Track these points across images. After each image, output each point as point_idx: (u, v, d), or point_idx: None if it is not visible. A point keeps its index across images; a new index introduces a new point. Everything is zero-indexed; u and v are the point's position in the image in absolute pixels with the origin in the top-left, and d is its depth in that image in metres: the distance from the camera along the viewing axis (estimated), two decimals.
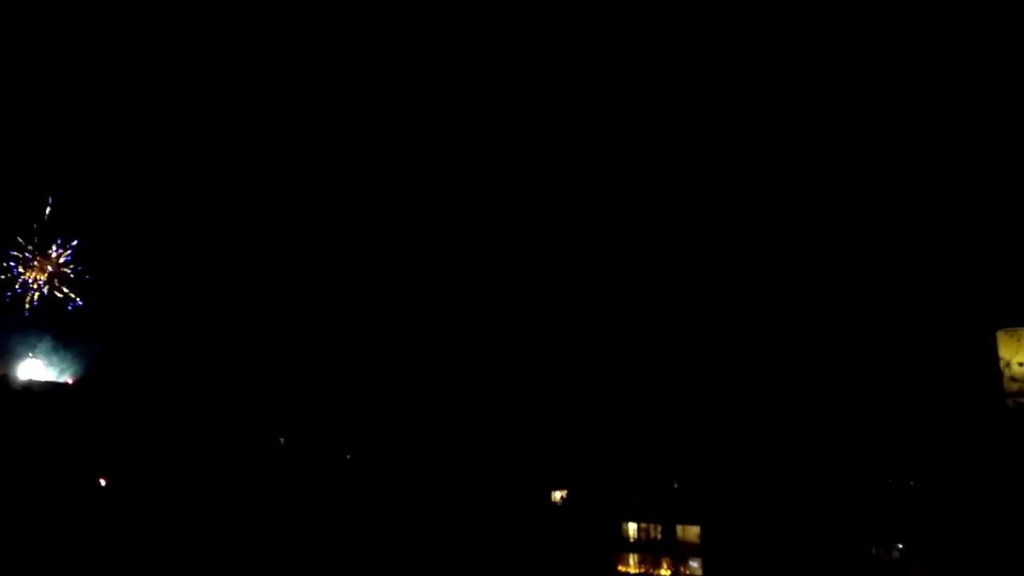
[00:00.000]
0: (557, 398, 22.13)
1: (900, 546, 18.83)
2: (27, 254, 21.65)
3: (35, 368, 21.14)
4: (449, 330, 22.73)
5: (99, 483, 19.63)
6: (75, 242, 22.25)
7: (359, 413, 22.73)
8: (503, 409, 22.07)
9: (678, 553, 20.24)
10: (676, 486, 20.57)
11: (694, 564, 20.11)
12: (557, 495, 21.48)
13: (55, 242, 21.98)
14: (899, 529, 19.01)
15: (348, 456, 21.99)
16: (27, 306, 21.10)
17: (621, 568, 20.33)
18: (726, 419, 20.91)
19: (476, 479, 21.46)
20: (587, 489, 20.90)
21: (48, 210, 22.67)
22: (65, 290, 21.83)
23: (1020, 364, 19.45)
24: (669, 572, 20.12)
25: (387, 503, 21.09)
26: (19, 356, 20.77)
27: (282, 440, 22.05)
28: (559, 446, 21.83)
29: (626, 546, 20.37)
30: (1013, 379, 19.55)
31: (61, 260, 21.92)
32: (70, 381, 21.23)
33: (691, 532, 20.32)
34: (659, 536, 20.35)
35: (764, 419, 20.67)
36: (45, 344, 21.16)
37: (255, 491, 20.98)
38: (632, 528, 20.45)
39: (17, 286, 21.34)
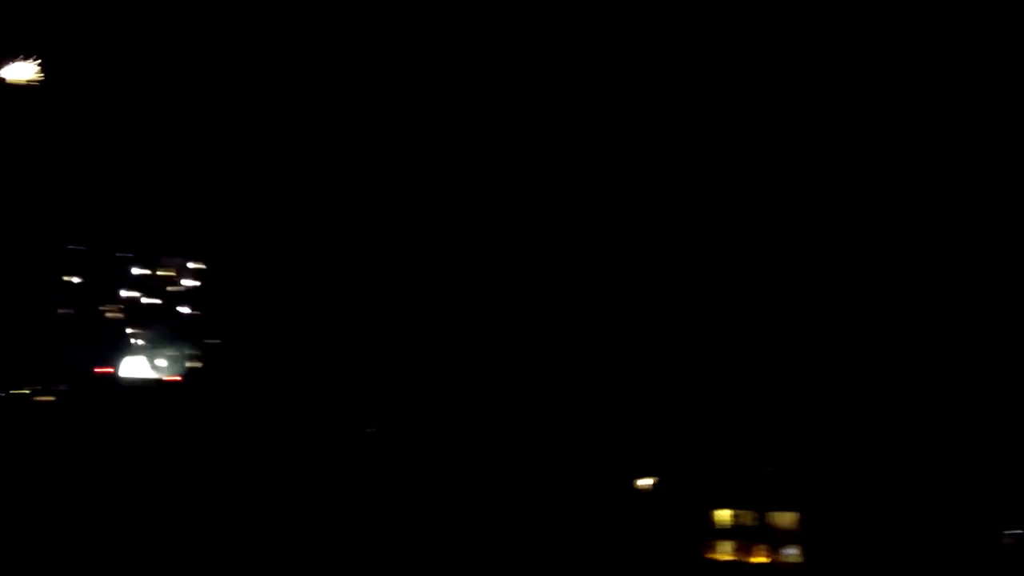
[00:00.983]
0: (638, 381, 21.72)
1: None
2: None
3: (142, 365, 21.40)
4: (527, 320, 22.57)
5: (207, 474, 19.79)
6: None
7: (445, 402, 22.73)
8: (582, 395, 21.74)
9: (774, 540, 19.58)
10: (769, 470, 19.92)
11: (791, 551, 19.38)
12: (642, 482, 20.94)
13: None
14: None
15: (433, 445, 21.87)
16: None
17: (712, 556, 19.73)
18: (823, 400, 20.24)
19: (560, 469, 21.15)
20: (675, 476, 20.34)
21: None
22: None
23: None
24: (764, 560, 19.43)
25: (471, 491, 20.88)
26: (127, 353, 21.04)
27: (372, 431, 22.01)
28: (643, 432, 21.39)
29: (717, 534, 19.77)
30: None
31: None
32: (178, 377, 21.40)
33: (787, 519, 19.59)
34: (753, 523, 19.70)
35: (866, 398, 19.97)
36: (152, 340, 21.40)
37: (360, 482, 21.02)
38: (723, 515, 19.79)
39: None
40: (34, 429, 19.38)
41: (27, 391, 19.58)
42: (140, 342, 22.05)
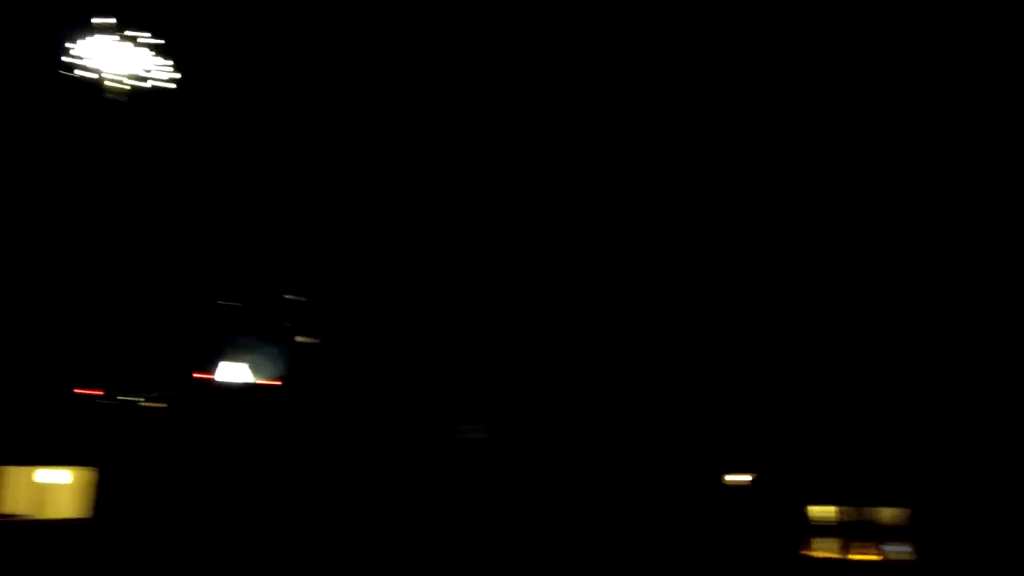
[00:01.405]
0: (732, 372, 21.45)
1: None
2: None
3: (242, 370, 22.02)
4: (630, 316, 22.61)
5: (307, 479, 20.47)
6: None
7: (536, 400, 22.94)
8: (672, 388, 21.63)
9: (879, 537, 19.26)
10: (874, 463, 19.52)
11: (897, 548, 19.03)
12: (735, 478, 20.80)
13: None
14: None
15: (518, 443, 22.09)
16: None
17: (810, 553, 19.54)
18: (936, 388, 19.64)
19: (652, 466, 21.15)
20: (771, 471, 20.14)
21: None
22: None
23: None
24: (869, 557, 19.15)
25: (567, 489, 21.08)
26: (226, 358, 21.72)
27: (461, 430, 22.35)
28: (735, 426, 21.19)
29: (816, 530, 19.57)
30: None
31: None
32: (277, 382, 22.03)
33: (893, 514, 19.23)
34: (855, 519, 19.40)
35: (984, 387, 19.29)
36: (251, 345, 22.02)
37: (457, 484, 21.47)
38: (822, 511, 19.56)
39: None
40: (152, 435, 20.17)
41: (138, 398, 20.38)
42: (238, 345, 22.66)
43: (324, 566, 20.03)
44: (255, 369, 23.64)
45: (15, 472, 17.76)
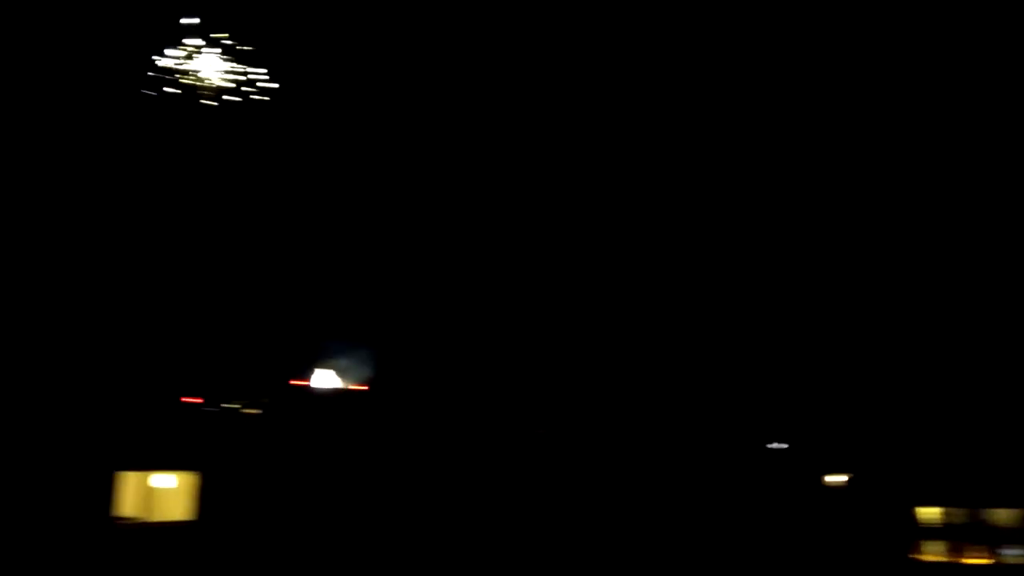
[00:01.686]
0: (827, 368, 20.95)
1: None
2: None
3: (331, 376, 22.57)
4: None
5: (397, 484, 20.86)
6: None
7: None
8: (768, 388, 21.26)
9: (993, 539, 18.51)
10: (988, 463, 18.77)
11: (1013, 552, 18.26)
12: (834, 478, 20.27)
13: None
14: None
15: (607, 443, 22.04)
16: None
17: (920, 557, 18.90)
18: None
19: (746, 465, 20.81)
20: (878, 471, 19.55)
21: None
22: None
23: None
24: (982, 560, 18.42)
25: (652, 490, 20.93)
26: (317, 364, 22.29)
27: (543, 432, 22.46)
28: (840, 426, 20.67)
29: (925, 532, 18.90)
30: None
31: None
32: (363, 387, 22.51)
33: (1009, 516, 18.46)
34: (967, 520, 18.69)
35: None
36: (339, 350, 22.56)
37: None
38: (932, 512, 18.88)
39: None
40: (251, 440, 20.78)
41: (238, 405, 21.05)
42: (330, 351, 23.19)
43: (419, 564, 20.34)
44: (344, 375, 24.29)
45: (130, 477, 18.49)
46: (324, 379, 23.71)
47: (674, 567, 19.59)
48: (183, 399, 20.02)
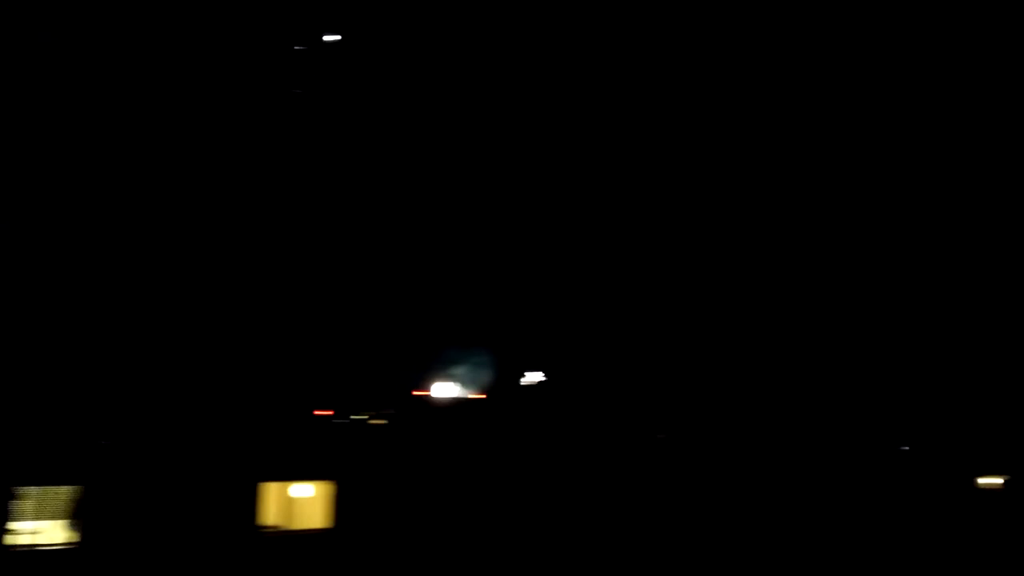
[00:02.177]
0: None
1: None
2: None
3: (450, 385, 23.16)
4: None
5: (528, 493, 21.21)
6: None
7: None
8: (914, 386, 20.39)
9: None
10: None
11: None
12: (988, 480, 19.23)
13: None
14: None
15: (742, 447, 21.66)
16: None
17: None
18: None
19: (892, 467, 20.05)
20: None
21: None
22: None
23: None
24: None
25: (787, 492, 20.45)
26: (437, 374, 22.89)
27: (664, 437, 22.37)
28: (989, 426, 19.65)
29: None
30: None
31: None
32: (481, 395, 23.00)
33: None
34: None
35: None
36: (458, 359, 23.11)
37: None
38: None
39: None
40: (378, 450, 21.49)
41: (365, 416, 21.84)
42: (449, 361, 23.73)
43: (546, 569, 20.54)
44: (464, 384, 24.80)
45: (271, 488, 19.46)
46: (444, 389, 24.45)
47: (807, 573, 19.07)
48: (315, 412, 20.99)
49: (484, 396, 24.70)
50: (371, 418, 22.37)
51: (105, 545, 17.36)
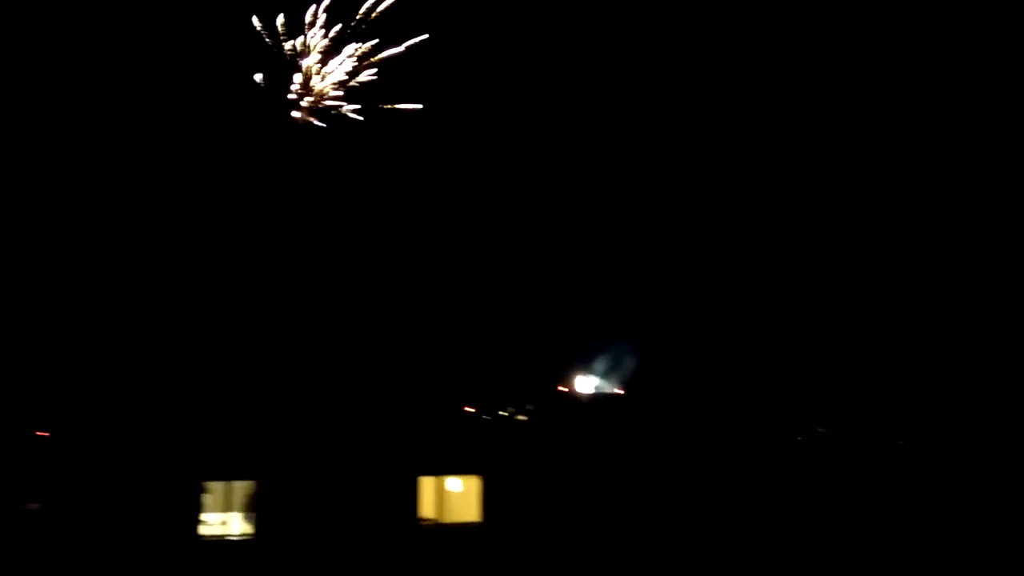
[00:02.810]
0: None
1: None
2: None
3: (592, 380, 23.30)
4: None
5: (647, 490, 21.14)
6: None
7: None
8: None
9: None
10: None
11: None
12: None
13: None
14: None
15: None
16: None
17: None
18: None
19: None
20: None
21: None
22: None
23: None
24: None
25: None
26: (580, 369, 23.06)
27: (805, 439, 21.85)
28: None
29: None
30: None
31: None
32: (620, 391, 23.03)
33: None
34: None
35: None
36: (600, 354, 23.22)
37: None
38: None
39: None
40: (522, 445, 21.79)
41: (510, 412, 22.18)
42: (591, 356, 23.79)
43: (688, 565, 20.42)
44: (606, 379, 24.82)
45: (427, 481, 20.05)
46: (586, 384, 24.53)
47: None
48: (464, 407, 21.47)
49: (624, 391, 24.80)
50: (514, 414, 22.75)
51: (277, 536, 18.32)
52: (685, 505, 21.55)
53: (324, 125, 21.70)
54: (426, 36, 22.13)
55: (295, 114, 21.18)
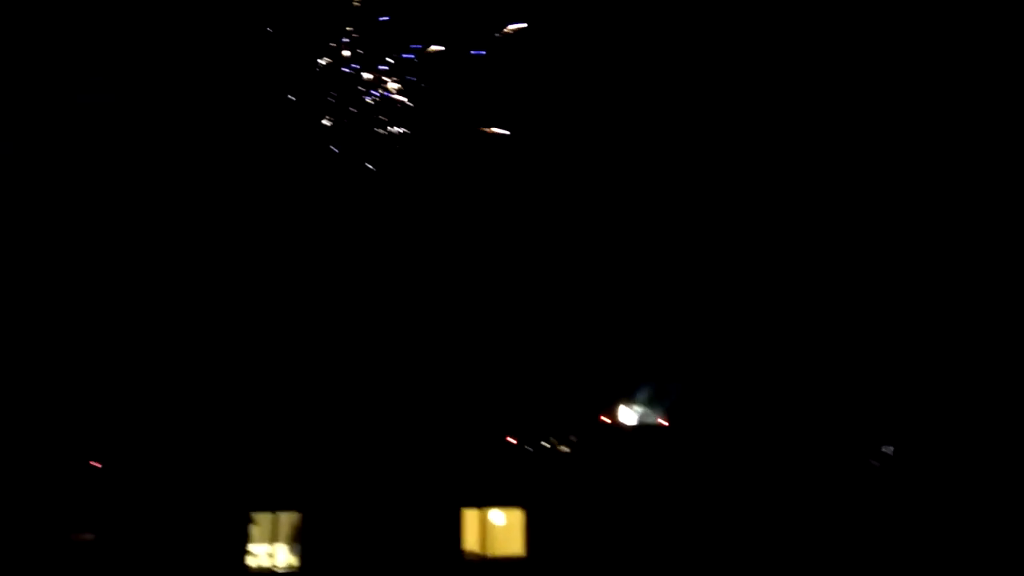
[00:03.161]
0: None
1: None
2: None
3: (635, 411, 23.07)
4: None
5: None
6: None
7: None
8: None
9: None
10: None
11: None
12: None
13: None
14: None
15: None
16: None
17: None
18: None
19: None
20: None
21: None
22: None
23: None
24: None
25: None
26: (620, 399, 22.86)
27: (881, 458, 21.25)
28: None
29: None
30: None
31: None
32: (664, 422, 22.74)
33: None
34: None
35: None
36: (642, 385, 23.03)
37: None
38: None
39: None
40: (564, 476, 21.57)
41: (551, 443, 21.99)
42: (633, 387, 23.55)
43: None
44: (649, 410, 24.52)
45: (470, 514, 19.91)
46: (629, 415, 24.23)
47: None
48: (506, 438, 21.35)
49: (668, 422, 24.47)
50: (557, 445, 22.55)
51: (322, 568, 18.31)
52: (735, 541, 21.09)
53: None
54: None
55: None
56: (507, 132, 22.01)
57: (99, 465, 16.98)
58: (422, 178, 22.46)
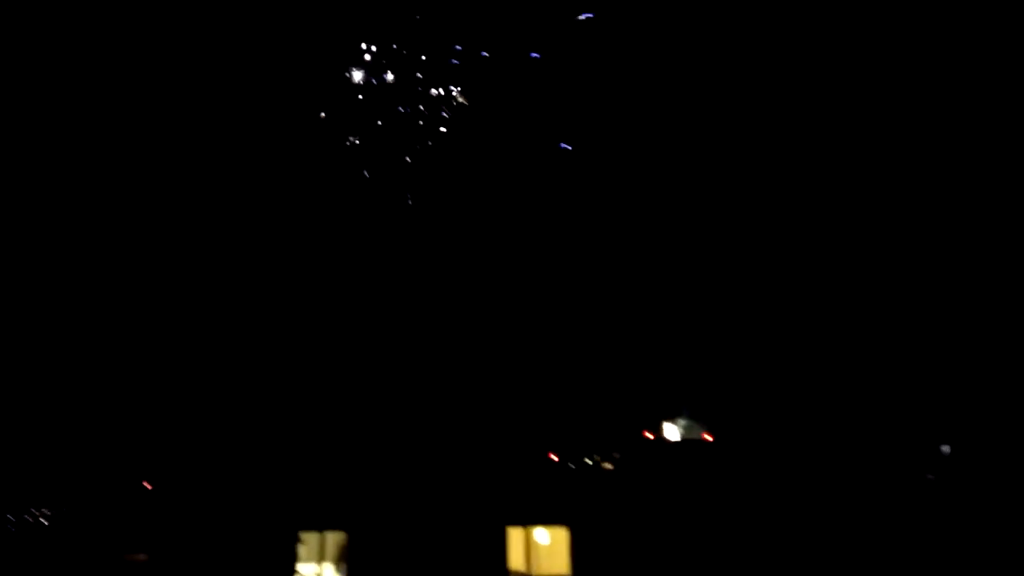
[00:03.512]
0: None
1: None
2: None
3: (679, 427, 22.86)
4: None
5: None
6: None
7: None
8: None
9: None
10: None
11: None
12: None
13: None
14: None
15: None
16: None
17: None
18: None
19: None
20: None
21: None
22: None
23: None
24: None
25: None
26: (663, 415, 22.69)
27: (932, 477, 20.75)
28: None
29: None
30: None
31: None
32: (708, 437, 22.49)
33: None
34: None
35: None
36: (686, 401, 22.87)
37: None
38: None
39: None
40: (608, 493, 21.40)
41: (593, 460, 21.85)
42: (677, 402, 23.31)
43: None
44: (692, 425, 24.27)
45: (515, 533, 19.85)
46: (673, 431, 23.99)
47: None
48: (549, 455, 21.27)
49: (713, 438, 24.15)
50: (600, 462, 22.40)
51: None
52: (785, 558, 20.69)
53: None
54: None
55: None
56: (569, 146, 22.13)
57: (151, 487, 17.31)
58: (467, 195, 22.67)
